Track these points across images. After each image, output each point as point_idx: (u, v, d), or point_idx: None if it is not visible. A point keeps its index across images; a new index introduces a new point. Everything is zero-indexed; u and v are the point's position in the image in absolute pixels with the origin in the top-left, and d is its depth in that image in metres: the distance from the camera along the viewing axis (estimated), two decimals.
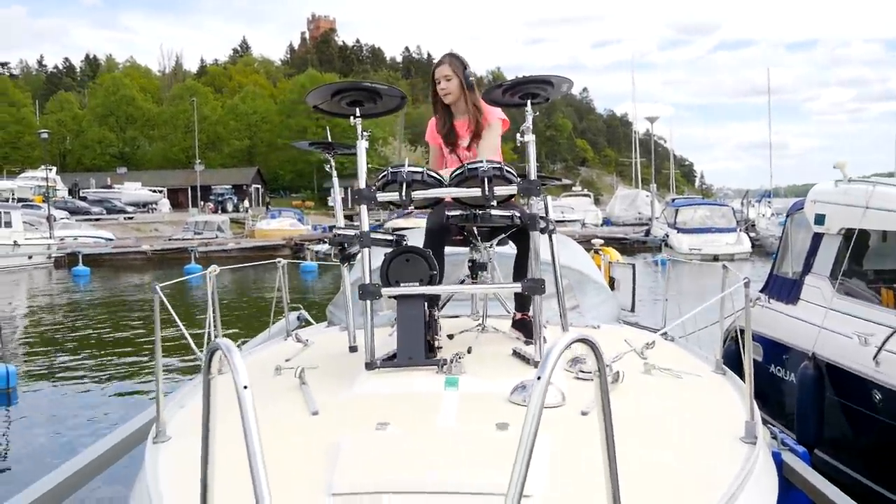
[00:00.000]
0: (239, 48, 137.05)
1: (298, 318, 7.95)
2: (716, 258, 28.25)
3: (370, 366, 3.97)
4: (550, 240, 4.99)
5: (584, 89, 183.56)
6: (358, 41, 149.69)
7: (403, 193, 4.09)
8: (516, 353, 4.18)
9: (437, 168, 4.88)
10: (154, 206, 69.87)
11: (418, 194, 4.16)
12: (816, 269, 6.52)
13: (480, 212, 4.19)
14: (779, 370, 6.54)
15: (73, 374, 11.95)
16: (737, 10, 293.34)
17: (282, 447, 3.20)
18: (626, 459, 2.96)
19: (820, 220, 6.50)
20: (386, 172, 4.20)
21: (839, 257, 6.16)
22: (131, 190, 71.30)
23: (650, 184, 53.12)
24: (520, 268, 4.63)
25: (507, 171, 4.10)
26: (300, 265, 23.33)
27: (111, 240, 42.83)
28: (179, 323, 3.79)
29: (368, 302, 4.12)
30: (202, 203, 68.05)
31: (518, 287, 4.16)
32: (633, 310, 7.67)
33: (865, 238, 6.31)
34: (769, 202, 44.65)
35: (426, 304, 4.31)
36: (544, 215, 4.81)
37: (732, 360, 7.36)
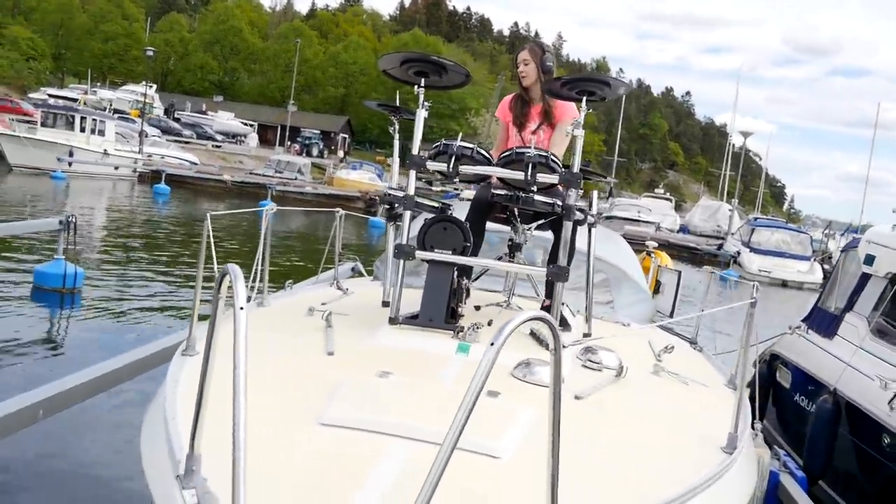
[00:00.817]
0: None
1: (353, 269, 8.25)
2: (784, 284, 27.79)
3: (393, 321, 4.23)
4: (589, 233, 5.16)
5: (687, 93, 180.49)
6: (468, 9, 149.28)
7: (451, 165, 4.31)
8: (533, 334, 4.37)
9: (502, 144, 5.08)
10: (243, 138, 71.26)
11: (466, 169, 4.37)
12: (858, 309, 6.54)
13: (524, 195, 4.40)
14: (802, 399, 6.60)
15: (135, 283, 12.54)
16: (858, 37, 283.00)
17: (291, 378, 3.49)
18: (598, 444, 3.17)
19: (870, 260, 6.51)
20: (439, 143, 4.41)
21: (881, 299, 6.18)
22: (224, 119, 72.79)
23: (733, 199, 52.16)
24: (553, 255, 4.81)
25: (553, 161, 4.28)
26: (369, 220, 23.68)
27: (196, 164, 43.97)
28: (214, 257, 4.05)
29: (402, 261, 4.37)
30: (289, 143, 69.13)
31: (543, 271, 4.36)
32: (671, 315, 7.78)
33: None
34: (854, 236, 43.40)
35: (457, 272, 4.55)
36: (586, 208, 5.00)
37: (763, 381, 7.47)
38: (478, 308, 4.87)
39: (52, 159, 31.01)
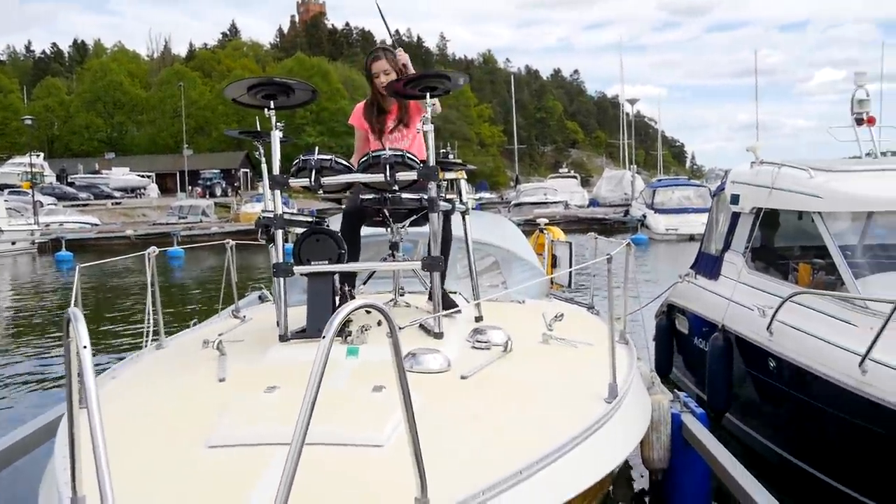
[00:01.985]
0: (228, 32, 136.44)
1: (260, 297, 8.29)
2: (692, 238, 28.52)
3: (283, 338, 4.34)
4: (464, 220, 5.35)
5: (575, 71, 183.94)
6: (347, 24, 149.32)
7: (312, 179, 4.45)
8: (422, 326, 4.52)
9: (360, 152, 5.22)
10: (142, 191, 69.88)
11: (328, 180, 4.50)
12: (734, 247, 6.90)
13: (390, 195, 4.56)
14: (700, 342, 6.92)
15: (27, 355, 12.32)
16: None
17: (181, 408, 3.57)
18: (482, 417, 3.33)
19: (735, 199, 6.87)
20: (298, 160, 4.54)
21: (750, 234, 6.54)
22: (119, 175, 71.22)
23: (631, 164, 53.43)
24: (427, 247, 4.96)
25: (409, 158, 4.44)
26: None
27: (97, 225, 43.01)
28: (77, 312, 4.12)
29: (282, 280, 4.49)
30: (190, 188, 68.14)
31: (417, 265, 4.53)
32: (569, 286, 8.02)
33: (775, 217, 6.67)
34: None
35: (340, 280, 4.68)
36: (454, 198, 5.18)
37: (663, 332, 7.79)
38: (369, 311, 4.99)
39: None
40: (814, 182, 5.95)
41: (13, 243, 34.05)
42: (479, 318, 5.01)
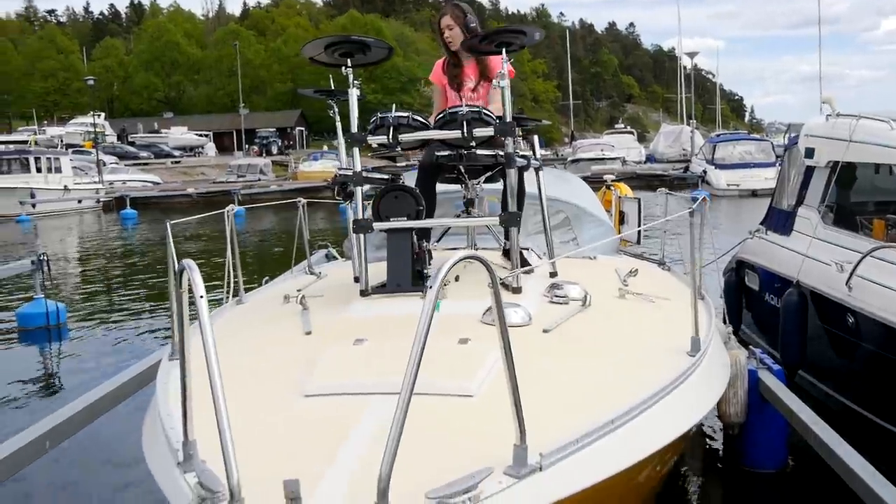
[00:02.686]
0: None
1: (326, 255, 8.41)
2: (754, 193, 28.06)
3: (364, 293, 4.43)
4: (537, 176, 5.36)
5: (631, 24, 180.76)
6: None
7: (390, 136, 4.49)
8: (501, 283, 4.56)
9: (440, 107, 5.23)
10: (200, 149, 70.83)
11: (405, 137, 4.54)
12: (808, 202, 6.78)
13: (466, 152, 4.58)
14: (771, 298, 6.86)
15: (119, 309, 12.65)
16: None
17: (273, 359, 3.68)
18: (567, 370, 3.37)
19: (810, 153, 6.74)
20: (375, 117, 4.59)
21: (826, 188, 6.42)
22: (177, 134, 72.25)
23: (691, 120, 52.51)
24: (503, 203, 4.99)
25: (485, 115, 4.46)
26: (339, 206, 23.80)
27: (158, 183, 43.80)
28: (174, 262, 4.25)
29: (362, 235, 4.56)
30: (247, 146, 68.81)
31: (495, 220, 4.56)
32: (638, 242, 7.99)
33: (852, 170, 6.54)
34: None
35: (417, 236, 4.74)
36: (529, 154, 5.19)
37: (732, 288, 7.72)
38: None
39: (14, 205, 30.85)
40: (894, 134, 5.82)
41: (79, 201, 34.87)
42: (553, 274, 5.03)
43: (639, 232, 7.90)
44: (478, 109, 4.45)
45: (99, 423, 5.08)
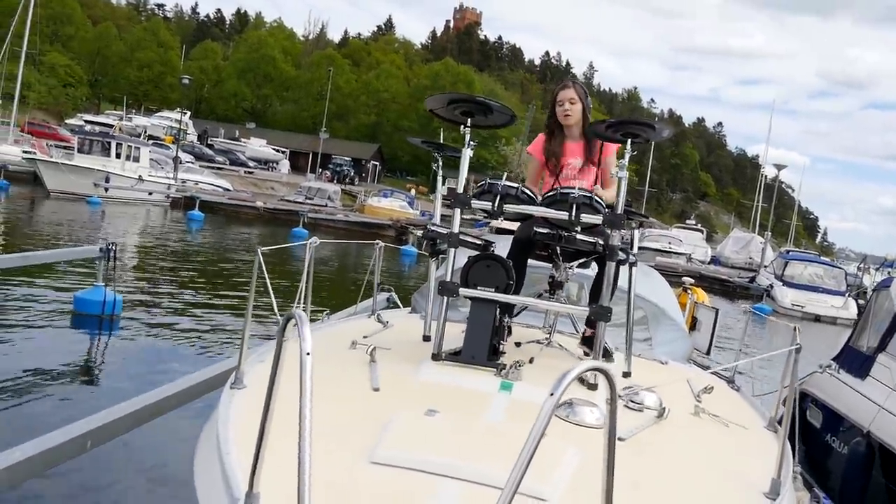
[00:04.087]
0: (383, 26, 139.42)
1: (388, 299, 8.31)
2: (818, 318, 27.43)
3: (436, 357, 4.27)
4: (630, 272, 5.20)
5: (719, 124, 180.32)
6: (500, 38, 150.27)
7: (495, 204, 4.38)
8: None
9: (533, 181, 5.14)
10: (275, 164, 71.91)
11: (510, 208, 4.43)
12: (891, 350, 6.49)
13: (566, 234, 4.45)
14: (834, 441, 6.55)
15: (173, 311, 12.69)
16: (894, 70, 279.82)
17: (339, 415, 3.53)
18: (641, 487, 3.18)
19: None
20: (484, 182, 4.49)
21: None
22: (256, 146, 73.62)
23: (766, 231, 51.74)
24: (594, 292, 4.84)
25: (597, 202, 4.33)
26: (401, 249, 23.90)
27: (229, 190, 44.41)
28: (270, 291, 4.20)
29: (445, 298, 4.44)
30: (320, 170, 69.71)
31: (586, 311, 4.40)
32: (708, 353, 7.76)
33: None
34: (889, 272, 42.81)
35: (499, 309, 4.60)
36: (627, 247, 5.04)
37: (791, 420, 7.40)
38: (518, 345, 4.90)
39: (88, 185, 31.52)
40: None
41: (150, 193, 35.46)
42: (626, 374, 4.85)
43: (710, 343, 7.67)
44: (590, 196, 4.33)
45: (142, 430, 5.00)
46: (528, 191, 4.47)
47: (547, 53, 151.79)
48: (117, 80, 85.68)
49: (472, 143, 4.53)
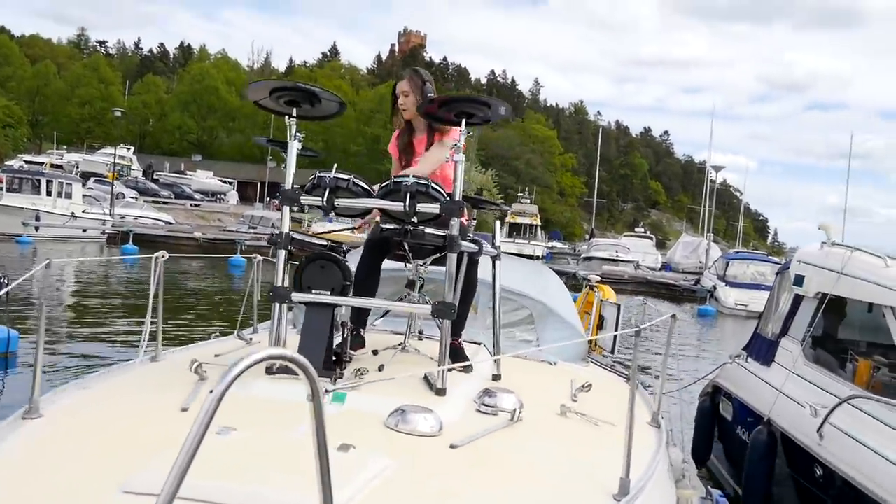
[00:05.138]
0: (328, 53, 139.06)
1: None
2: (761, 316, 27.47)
3: (269, 369, 3.92)
4: (493, 266, 4.89)
5: (666, 132, 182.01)
6: (445, 59, 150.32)
7: (325, 199, 4.05)
8: (426, 378, 4.06)
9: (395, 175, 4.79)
10: (222, 196, 71.17)
11: (343, 202, 4.11)
12: (792, 333, 6.28)
13: (412, 228, 4.13)
14: (742, 432, 6.31)
15: (69, 342, 12.40)
16: (831, 72, 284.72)
17: (127, 437, 3.15)
18: (466, 498, 2.85)
19: (799, 281, 6.25)
20: (314, 176, 4.16)
21: (812, 321, 5.91)
22: (203, 178, 72.83)
23: (708, 233, 52.19)
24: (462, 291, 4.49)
25: (434, 189, 4.02)
26: (228, 259, 24.02)
27: (170, 223, 43.68)
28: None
29: (277, 305, 4.09)
30: (268, 199, 69.02)
31: (428, 308, 4.07)
32: (612, 351, 7.47)
33: (841, 305, 6.06)
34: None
35: (353, 316, 4.29)
36: (482, 240, 4.73)
37: (705, 415, 7.16)
38: (375, 352, 4.57)
39: (17, 224, 30.67)
40: (889, 272, 5.34)
41: (84, 230, 34.68)
42: (496, 377, 4.54)
43: (614, 341, 7.38)
44: (426, 182, 4.02)
45: None
46: (361, 182, 4.14)
47: (493, 72, 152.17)
48: (58, 119, 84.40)
49: (298, 134, 4.21)
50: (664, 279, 38.90)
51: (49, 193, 34.06)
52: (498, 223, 5.15)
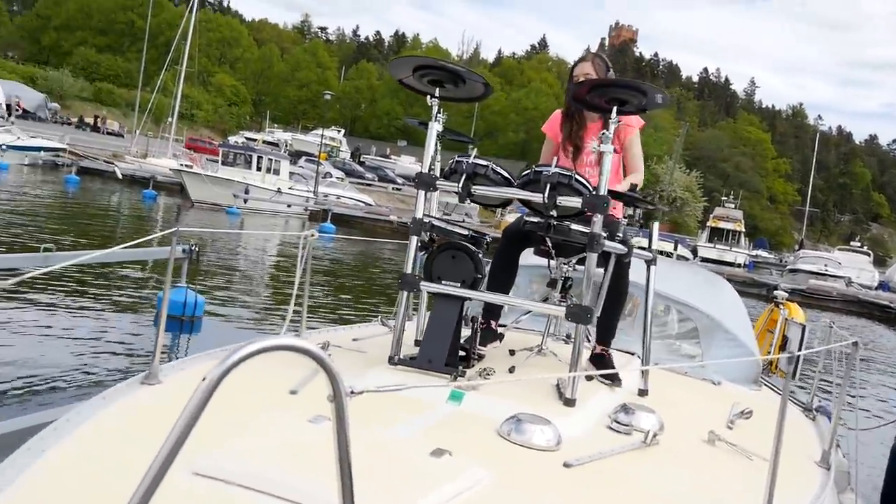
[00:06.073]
0: (537, 45, 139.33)
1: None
2: None
3: (391, 360, 3.73)
4: (648, 270, 4.46)
5: (894, 141, 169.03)
6: (656, 55, 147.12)
7: (461, 185, 3.79)
8: (558, 385, 3.72)
9: (546, 161, 4.41)
10: None
11: (480, 190, 3.83)
12: None
13: (556, 223, 3.79)
14: None
15: (252, 315, 12.73)
16: None
17: (235, 421, 3.02)
18: None
19: None
20: (452, 160, 3.92)
21: None
22: (406, 163, 74.67)
23: None
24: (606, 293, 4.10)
25: (578, 181, 3.66)
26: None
27: (370, 205, 45.01)
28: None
29: (405, 293, 3.88)
30: None
31: (561, 311, 3.71)
32: (793, 376, 6.75)
33: None
34: None
35: (484, 311, 4.03)
36: (632, 242, 4.32)
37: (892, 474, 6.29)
38: (512, 353, 4.26)
39: (228, 196, 32.52)
40: None
41: (288, 206, 36.30)
42: (643, 392, 4.11)
43: (796, 364, 6.68)
44: (569, 174, 3.66)
45: None
46: (500, 170, 3.85)
47: (705, 70, 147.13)
48: (277, 100, 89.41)
49: (440, 116, 3.96)
50: (879, 300, 35.75)
51: (259, 169, 35.96)
52: (656, 225, 4.69)
